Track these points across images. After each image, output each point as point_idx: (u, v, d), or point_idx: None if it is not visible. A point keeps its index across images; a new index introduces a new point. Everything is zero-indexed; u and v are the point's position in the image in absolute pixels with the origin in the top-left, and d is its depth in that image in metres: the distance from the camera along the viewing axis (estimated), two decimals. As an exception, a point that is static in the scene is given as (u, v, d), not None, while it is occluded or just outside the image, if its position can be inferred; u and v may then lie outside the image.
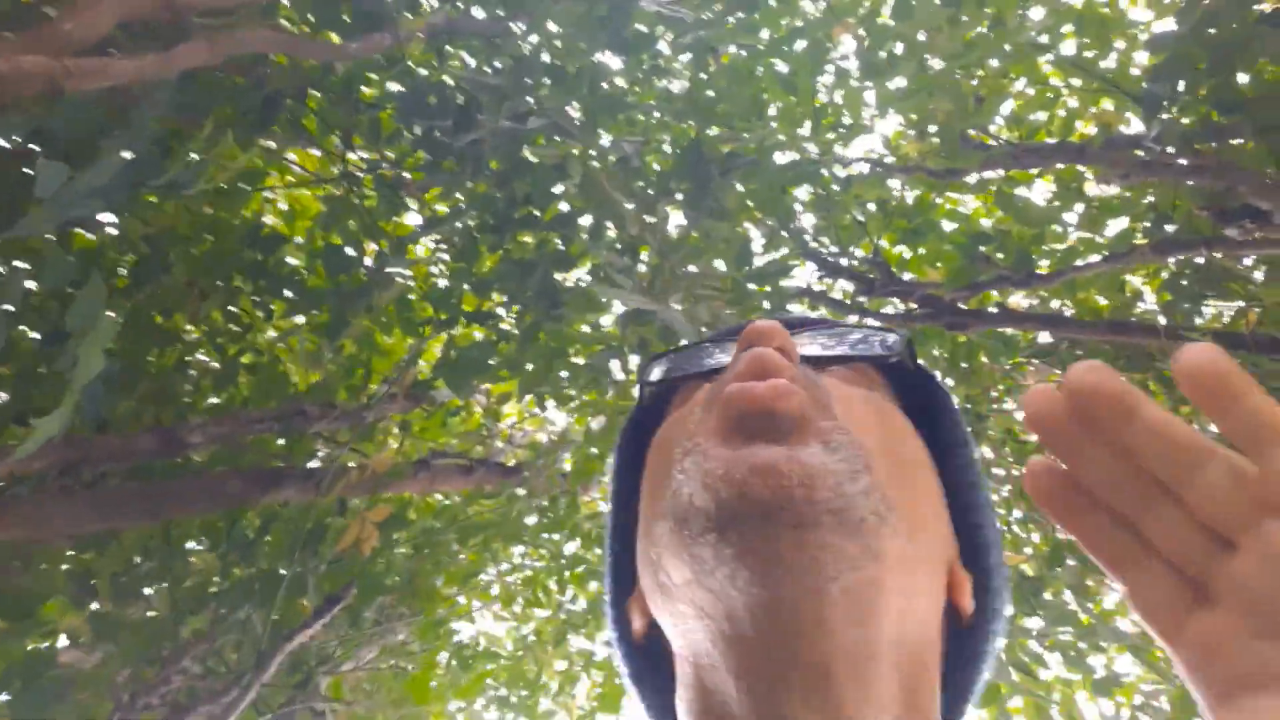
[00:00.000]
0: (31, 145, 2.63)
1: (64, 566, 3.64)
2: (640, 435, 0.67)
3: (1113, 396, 0.39)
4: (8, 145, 2.65)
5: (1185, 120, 3.54)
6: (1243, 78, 3.32)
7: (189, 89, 3.28)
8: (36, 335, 3.44)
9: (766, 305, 5.18)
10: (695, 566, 0.49)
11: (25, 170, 2.83)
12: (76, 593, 3.85)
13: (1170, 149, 3.42)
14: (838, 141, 5.20)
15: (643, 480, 0.63)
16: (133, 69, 2.44)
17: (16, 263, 3.09)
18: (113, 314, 2.45)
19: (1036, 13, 4.45)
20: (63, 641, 4.02)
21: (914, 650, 0.51)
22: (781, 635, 0.47)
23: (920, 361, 0.69)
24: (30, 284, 3.26)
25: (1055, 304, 4.90)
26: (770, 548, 0.47)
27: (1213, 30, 3.16)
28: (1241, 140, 3.14)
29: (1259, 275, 3.47)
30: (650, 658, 0.61)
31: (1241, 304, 3.60)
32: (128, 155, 2.45)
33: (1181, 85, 3.39)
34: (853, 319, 5.53)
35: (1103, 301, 4.36)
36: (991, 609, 0.61)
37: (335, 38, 3.72)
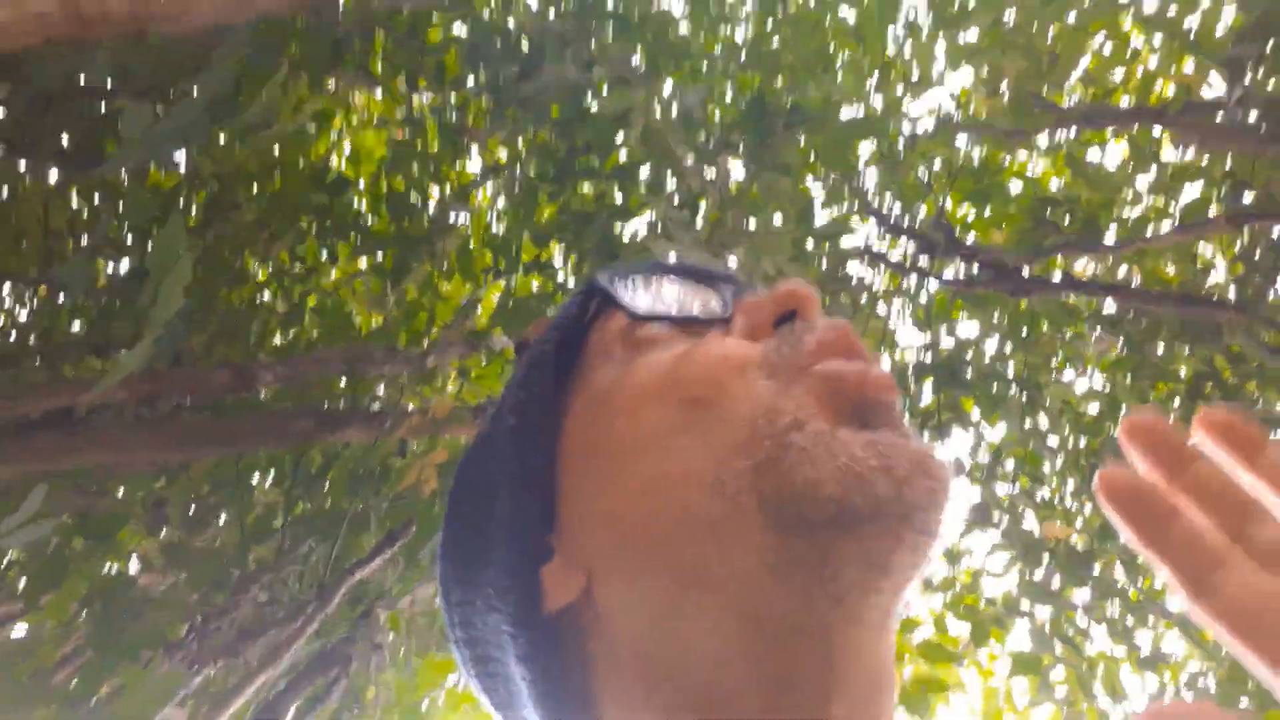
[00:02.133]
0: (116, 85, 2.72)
1: (139, 494, 3.83)
2: (569, 356, 0.57)
3: (1247, 432, 0.37)
4: (94, 85, 2.74)
5: (1270, 85, 3.41)
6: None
7: (263, 31, 3.34)
8: (113, 271, 3.57)
9: (824, 263, 5.15)
10: (778, 560, 0.44)
11: (109, 109, 2.92)
12: (150, 520, 4.05)
13: (1253, 115, 3.31)
14: (905, 96, 5.09)
15: (574, 416, 0.54)
16: (212, 12, 2.49)
17: (98, 200, 3.21)
18: (188, 253, 2.54)
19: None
20: (136, 566, 4.24)
21: None
22: (854, 647, 0.44)
23: None
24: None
25: (1123, 272, 4.78)
26: (907, 555, 0.44)
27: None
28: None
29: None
30: (557, 641, 0.50)
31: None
32: (206, 97, 2.51)
33: (1270, 47, 3.26)
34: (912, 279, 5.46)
35: (1171, 272, 4.24)
36: None
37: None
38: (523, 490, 0.52)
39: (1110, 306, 4.55)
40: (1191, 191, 3.87)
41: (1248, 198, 3.60)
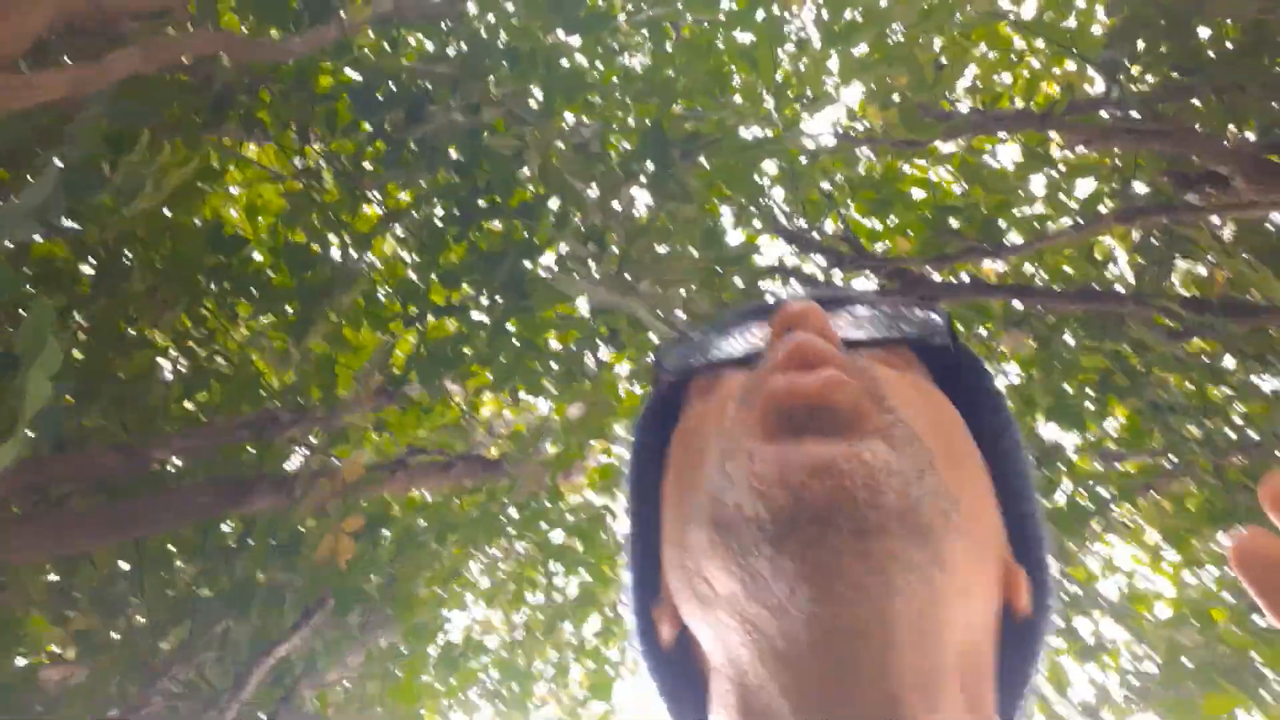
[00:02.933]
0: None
1: (46, 580, 3.60)
2: (659, 428, 0.62)
3: None
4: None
5: (1149, 79, 3.51)
6: (1203, 31, 3.30)
7: (132, 92, 3.19)
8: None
9: (740, 284, 5.16)
10: (745, 580, 0.45)
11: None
12: (57, 609, 3.81)
13: (1132, 113, 3.40)
14: (802, 114, 5.15)
15: (665, 478, 0.59)
16: (64, 82, 2.36)
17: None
18: (75, 323, 2.39)
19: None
20: (46, 659, 3.99)
21: (974, 657, 0.49)
22: (846, 658, 0.44)
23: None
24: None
25: (1029, 269, 4.89)
26: (833, 559, 0.43)
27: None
28: (1200, 101, 3.12)
29: (1228, 235, 3.46)
30: (681, 669, 0.57)
31: (1207, 268, 3.60)
32: (59, 166, 2.37)
33: (1141, 46, 3.37)
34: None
35: (1071, 269, 4.35)
36: (1045, 604, 0.57)
37: (278, 33, 3.63)
38: (632, 544, 0.62)
39: (1019, 305, 4.65)
40: (1085, 188, 3.99)
41: (1140, 191, 3.71)
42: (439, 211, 4.92)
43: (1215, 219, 3.74)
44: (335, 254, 4.92)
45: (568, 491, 5.67)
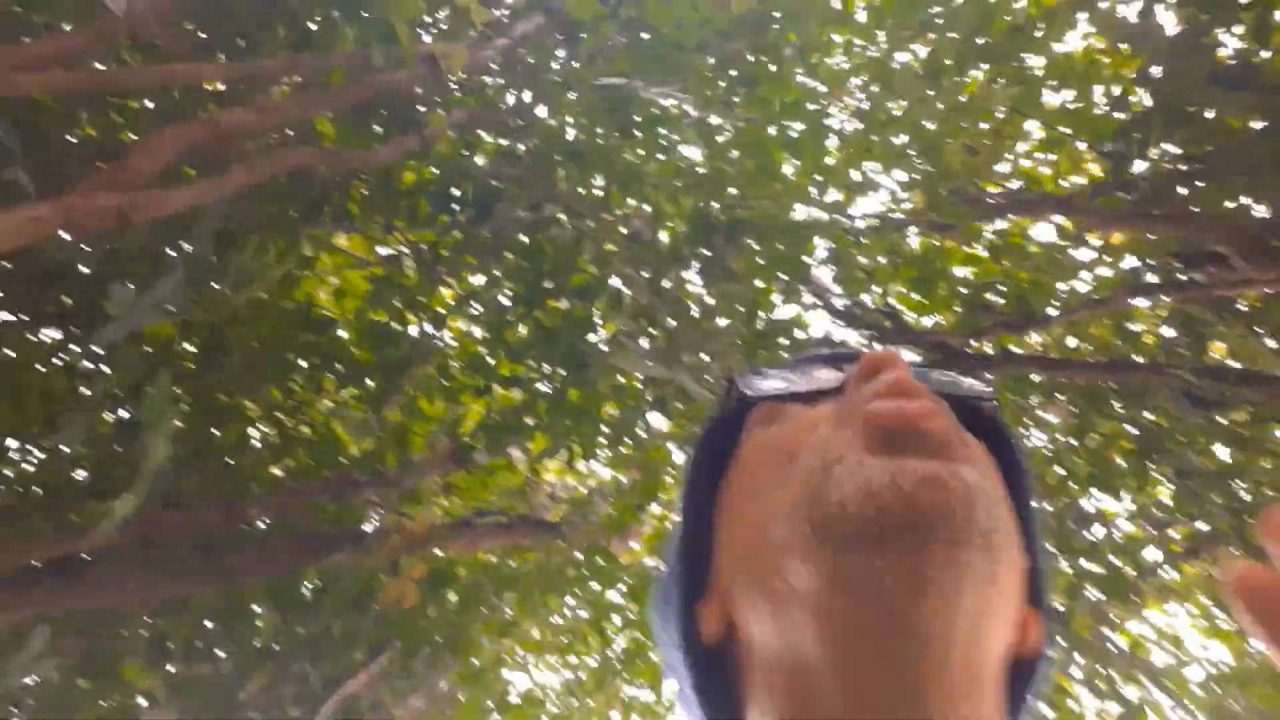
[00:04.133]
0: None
1: (140, 631, 4.02)
2: (722, 443, 0.68)
3: None
4: (87, 270, 3.07)
5: (1159, 165, 3.74)
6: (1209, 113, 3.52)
7: (244, 197, 3.70)
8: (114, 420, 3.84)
9: (784, 356, 5.43)
10: (835, 574, 0.49)
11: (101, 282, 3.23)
12: (153, 656, 4.22)
13: (1143, 200, 3.63)
14: (846, 199, 5.47)
15: (726, 487, 0.64)
16: (190, 196, 2.84)
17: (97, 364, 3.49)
18: (181, 398, 2.80)
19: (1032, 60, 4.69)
20: (141, 701, 4.39)
21: (998, 679, 0.52)
22: (913, 649, 0.48)
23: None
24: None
25: (1070, 341, 5.06)
26: (928, 562, 0.47)
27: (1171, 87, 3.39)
28: (1204, 185, 3.34)
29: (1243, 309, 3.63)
30: (718, 667, 0.60)
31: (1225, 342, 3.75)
32: (183, 272, 2.82)
33: (1150, 135, 3.61)
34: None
35: (1101, 342, 4.52)
36: (1045, 645, 0.61)
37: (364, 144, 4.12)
38: (683, 547, 0.65)
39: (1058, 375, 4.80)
40: (1105, 269, 4.19)
41: (1152, 271, 3.90)
42: (506, 292, 5.35)
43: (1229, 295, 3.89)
44: (413, 331, 5.38)
45: (624, 557, 5.93)
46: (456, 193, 4.81)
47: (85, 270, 3.10)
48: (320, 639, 3.67)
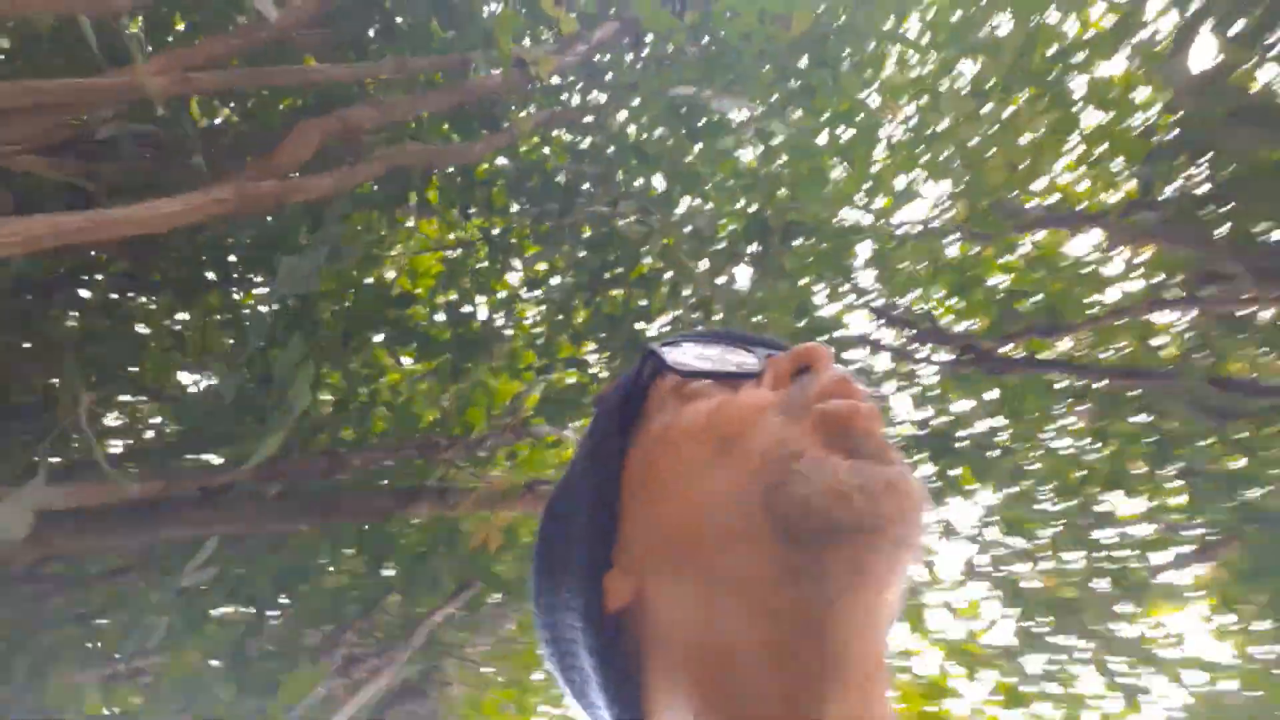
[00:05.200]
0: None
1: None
2: (630, 408, 0.68)
3: None
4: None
5: (1185, 184, 4.09)
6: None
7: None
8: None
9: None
10: (788, 565, 0.51)
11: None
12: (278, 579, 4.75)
13: (1168, 220, 3.98)
14: (889, 204, 5.85)
15: (637, 454, 0.64)
16: (330, 184, 3.30)
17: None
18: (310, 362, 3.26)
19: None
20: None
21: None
22: (845, 641, 0.50)
23: None
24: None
25: (1094, 347, 5.40)
26: (875, 558, 0.50)
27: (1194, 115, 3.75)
28: (1224, 209, 3.69)
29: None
30: (617, 639, 0.60)
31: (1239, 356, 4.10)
32: (325, 247, 3.29)
33: (1179, 160, 3.97)
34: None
35: (1128, 349, 4.87)
36: None
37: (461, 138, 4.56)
38: (590, 513, 0.64)
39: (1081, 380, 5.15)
40: (1130, 284, 4.55)
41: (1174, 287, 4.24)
42: (570, 280, 5.78)
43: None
44: (482, 314, 5.84)
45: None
46: (533, 185, 5.24)
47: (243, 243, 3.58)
48: (412, 572, 4.15)
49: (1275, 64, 4.05)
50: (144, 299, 3.93)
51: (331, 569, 4.22)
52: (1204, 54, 3.82)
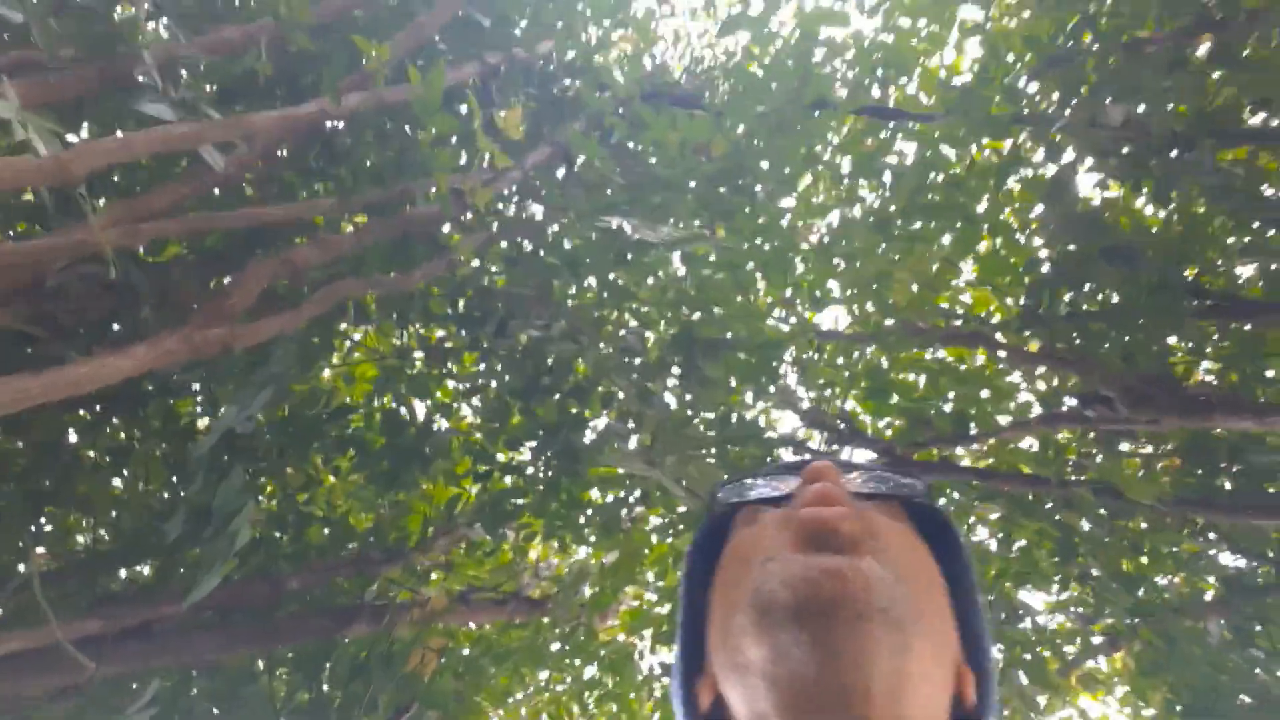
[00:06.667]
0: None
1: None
2: (713, 543, 0.79)
3: None
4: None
5: (1064, 309, 4.50)
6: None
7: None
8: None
9: (755, 453, 6.10)
10: (773, 647, 0.60)
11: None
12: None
13: (1053, 342, 4.37)
14: (810, 315, 6.22)
15: (715, 580, 0.76)
16: (277, 326, 3.48)
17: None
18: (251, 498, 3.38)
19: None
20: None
21: None
22: (838, 704, 0.58)
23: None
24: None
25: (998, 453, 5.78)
26: (836, 636, 0.58)
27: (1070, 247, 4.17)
28: (1098, 329, 4.09)
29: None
30: None
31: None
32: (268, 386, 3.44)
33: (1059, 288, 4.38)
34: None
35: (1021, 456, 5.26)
36: (989, 701, 0.72)
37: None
38: (684, 628, 0.79)
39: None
40: (1025, 395, 4.96)
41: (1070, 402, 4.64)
42: (507, 384, 5.97)
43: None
44: (419, 419, 5.98)
45: (603, 634, 6.47)
46: (467, 301, 5.46)
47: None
48: (349, 700, 4.19)
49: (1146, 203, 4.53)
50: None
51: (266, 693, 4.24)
52: (1083, 189, 4.29)
